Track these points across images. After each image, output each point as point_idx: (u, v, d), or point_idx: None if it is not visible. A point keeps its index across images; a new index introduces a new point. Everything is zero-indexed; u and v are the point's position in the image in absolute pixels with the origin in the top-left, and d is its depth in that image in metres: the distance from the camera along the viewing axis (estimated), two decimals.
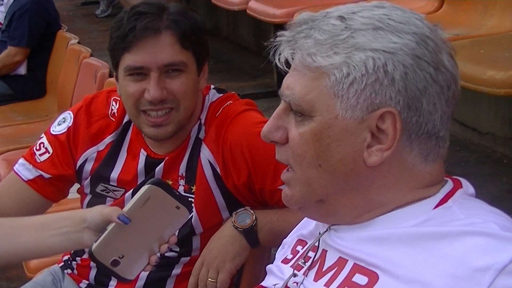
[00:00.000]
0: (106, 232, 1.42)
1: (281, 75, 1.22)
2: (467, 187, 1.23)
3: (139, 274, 1.86)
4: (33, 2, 4.96)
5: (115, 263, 1.42)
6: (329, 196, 1.21)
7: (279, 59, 1.19)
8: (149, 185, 1.43)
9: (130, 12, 1.80)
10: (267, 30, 5.48)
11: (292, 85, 1.18)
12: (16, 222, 1.63)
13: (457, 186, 1.22)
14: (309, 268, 1.26)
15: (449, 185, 1.21)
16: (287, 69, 1.20)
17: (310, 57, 1.15)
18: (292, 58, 1.18)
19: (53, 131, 1.97)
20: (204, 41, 1.86)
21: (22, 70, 5.01)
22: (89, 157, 1.95)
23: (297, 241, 1.38)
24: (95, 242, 1.42)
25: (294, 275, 1.28)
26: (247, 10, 4.50)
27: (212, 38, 1.90)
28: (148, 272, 1.89)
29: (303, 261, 1.28)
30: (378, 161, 1.15)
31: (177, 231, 1.51)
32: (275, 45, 1.20)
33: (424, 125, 1.15)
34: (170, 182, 1.87)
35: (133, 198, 1.45)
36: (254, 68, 5.71)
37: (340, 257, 1.21)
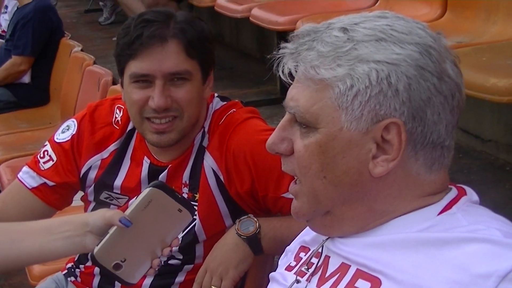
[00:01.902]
0: (108, 235, 1.42)
1: (284, 83, 1.23)
2: (471, 194, 1.23)
3: (143, 281, 1.88)
4: (36, 10, 4.96)
5: (117, 266, 1.41)
6: (334, 208, 1.21)
7: (282, 71, 1.19)
8: (151, 187, 1.43)
9: (138, 19, 1.80)
10: (270, 37, 5.49)
11: (297, 97, 1.19)
12: (19, 227, 1.63)
13: (461, 193, 1.22)
14: (312, 274, 1.26)
15: (453, 193, 1.21)
16: (290, 81, 1.20)
17: (313, 69, 1.16)
18: (296, 71, 1.18)
19: (57, 138, 1.97)
20: (210, 50, 1.87)
21: (26, 78, 5.01)
22: (93, 165, 1.95)
23: (300, 247, 1.39)
24: (97, 245, 1.42)
25: (297, 281, 1.28)
26: (250, 18, 4.51)
27: (215, 45, 1.91)
28: (151, 279, 1.89)
29: (306, 267, 1.28)
30: (383, 172, 1.15)
31: (180, 235, 1.51)
32: (278, 58, 1.20)
33: (429, 135, 1.15)
34: None
35: (135, 201, 1.44)
36: (257, 75, 5.72)
37: (343, 262, 1.22)
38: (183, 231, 1.81)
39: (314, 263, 1.27)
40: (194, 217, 1.85)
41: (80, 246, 1.51)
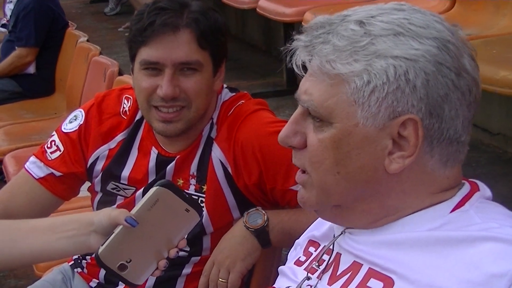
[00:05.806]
0: (113, 235, 1.40)
1: (291, 74, 1.21)
2: (484, 190, 1.21)
3: None
4: (35, 1, 4.96)
5: (122, 267, 1.39)
6: (346, 202, 1.19)
7: (295, 64, 1.17)
8: (158, 186, 1.40)
9: (152, 6, 1.80)
10: (277, 29, 5.47)
11: (310, 91, 1.17)
12: (22, 225, 1.60)
13: (474, 189, 1.20)
14: (323, 271, 1.25)
15: (466, 188, 1.20)
16: (303, 74, 1.18)
17: (329, 64, 1.13)
18: (309, 63, 1.16)
19: (64, 129, 1.97)
20: (223, 42, 1.85)
21: (31, 69, 5.01)
22: (100, 155, 1.94)
23: (308, 242, 1.37)
24: (102, 245, 1.39)
25: (308, 278, 1.27)
26: (257, 9, 4.49)
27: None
28: None
29: (317, 264, 1.27)
30: (399, 169, 1.13)
31: (187, 233, 1.48)
32: (291, 50, 1.18)
33: (446, 131, 1.13)
34: (181, 181, 1.87)
35: (141, 200, 1.42)
36: (263, 67, 5.71)
37: (354, 261, 1.20)
38: None
39: (325, 260, 1.26)
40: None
41: (84, 246, 1.48)
